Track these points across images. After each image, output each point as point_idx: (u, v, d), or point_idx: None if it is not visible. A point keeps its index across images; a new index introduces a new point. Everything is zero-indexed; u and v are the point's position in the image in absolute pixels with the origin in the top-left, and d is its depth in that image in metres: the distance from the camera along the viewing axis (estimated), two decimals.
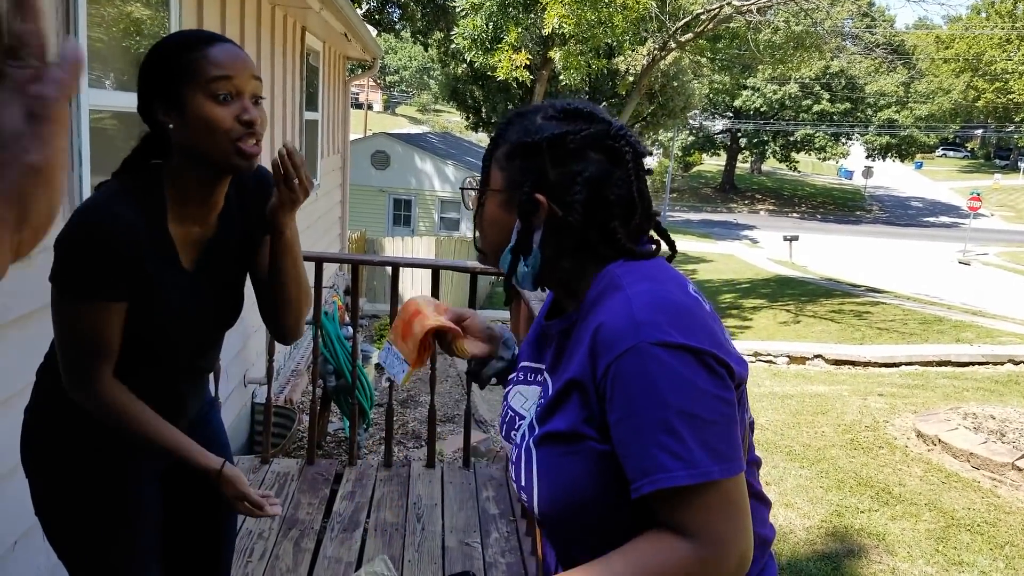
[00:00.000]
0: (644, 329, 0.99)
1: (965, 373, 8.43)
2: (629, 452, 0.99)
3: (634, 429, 0.98)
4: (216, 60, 1.42)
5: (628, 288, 1.06)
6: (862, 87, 43.51)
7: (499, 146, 1.16)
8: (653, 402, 0.97)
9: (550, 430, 1.08)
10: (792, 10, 18.40)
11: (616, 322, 1.01)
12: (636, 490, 0.98)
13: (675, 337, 0.98)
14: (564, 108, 1.14)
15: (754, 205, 44.59)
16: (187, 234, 1.53)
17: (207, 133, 1.41)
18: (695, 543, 0.96)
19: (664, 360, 0.97)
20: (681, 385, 0.97)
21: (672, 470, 0.95)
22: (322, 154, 8.44)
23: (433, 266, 3.77)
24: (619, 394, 0.99)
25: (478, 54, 14.45)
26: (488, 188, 1.17)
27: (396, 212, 23.95)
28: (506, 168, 1.14)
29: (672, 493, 0.96)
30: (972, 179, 53.60)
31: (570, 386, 1.07)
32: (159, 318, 1.51)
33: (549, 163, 1.10)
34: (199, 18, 4.01)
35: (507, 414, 1.25)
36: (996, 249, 29.38)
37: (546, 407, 1.11)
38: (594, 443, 1.04)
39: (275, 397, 4.74)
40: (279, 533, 3.12)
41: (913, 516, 4.47)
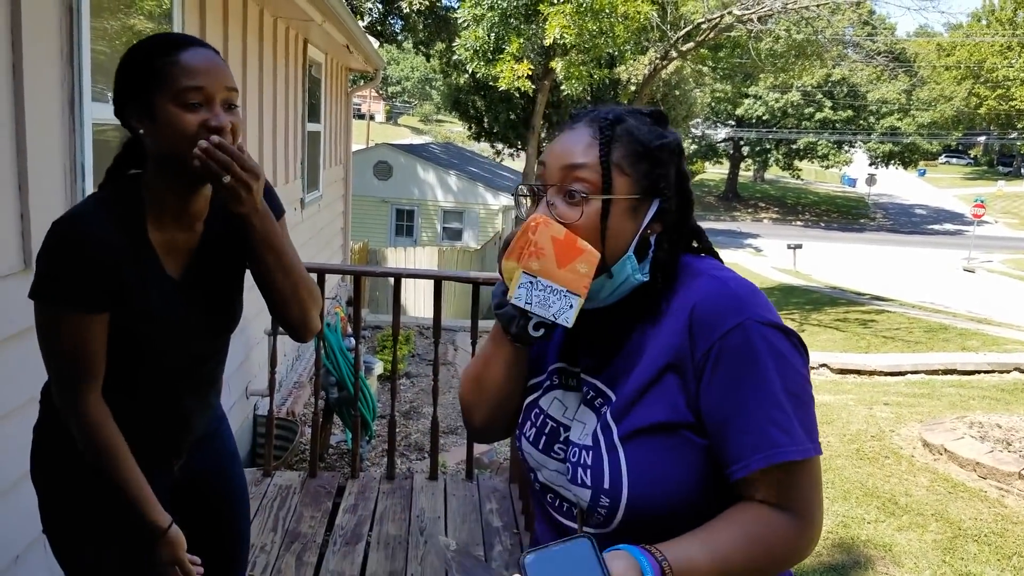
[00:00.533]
0: (748, 308, 1.03)
1: (971, 381, 8.39)
2: (735, 429, 1.00)
3: (742, 405, 1.00)
4: (188, 68, 1.38)
5: (712, 273, 1.09)
6: (864, 95, 43.57)
7: (613, 151, 1.08)
8: (762, 379, 1.00)
9: (643, 423, 1.05)
10: (793, 19, 18.44)
11: (718, 301, 1.04)
12: (744, 467, 0.99)
13: (775, 318, 1.04)
14: (653, 112, 1.16)
15: (757, 213, 44.58)
16: (170, 241, 1.50)
17: (174, 140, 1.38)
18: (793, 516, 1.00)
19: (769, 339, 1.02)
20: (784, 364, 1.01)
21: (783, 445, 0.98)
22: (324, 165, 8.45)
23: (436, 277, 3.76)
24: (725, 370, 1.01)
25: (480, 65, 14.50)
26: (620, 196, 1.08)
27: (398, 222, 23.98)
28: (632, 173, 1.09)
29: (779, 468, 0.99)
30: (975, 186, 53.56)
31: (662, 372, 1.05)
32: (145, 326, 1.48)
33: (673, 167, 1.12)
34: (201, 30, 4.02)
35: (544, 424, 1.19)
36: (1001, 256, 29.32)
37: (629, 401, 1.07)
38: (690, 433, 1.04)
39: (277, 409, 4.73)
40: (281, 547, 3.10)
41: (920, 527, 4.43)
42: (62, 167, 2.53)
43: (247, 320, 5.03)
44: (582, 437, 1.11)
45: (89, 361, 1.45)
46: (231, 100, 1.43)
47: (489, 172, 27.71)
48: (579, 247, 1.04)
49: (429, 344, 9.43)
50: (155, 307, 1.49)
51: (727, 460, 1.01)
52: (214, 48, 1.46)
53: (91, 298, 1.41)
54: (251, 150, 5.08)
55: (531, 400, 1.22)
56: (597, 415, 1.11)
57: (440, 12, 17.18)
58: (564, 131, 1.14)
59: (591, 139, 1.09)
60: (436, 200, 23.87)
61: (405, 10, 15.53)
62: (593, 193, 1.07)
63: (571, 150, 1.09)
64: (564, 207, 1.07)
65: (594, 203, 1.06)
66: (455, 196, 23.76)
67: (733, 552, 0.96)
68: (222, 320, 1.65)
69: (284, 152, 6.20)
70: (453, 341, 9.63)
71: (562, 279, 1.04)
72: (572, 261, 1.03)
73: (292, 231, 6.58)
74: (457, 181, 23.75)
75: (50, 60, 2.45)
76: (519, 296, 1.05)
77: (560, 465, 1.15)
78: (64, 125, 2.54)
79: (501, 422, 1.25)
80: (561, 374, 1.21)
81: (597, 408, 1.12)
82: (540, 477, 1.19)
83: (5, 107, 2.20)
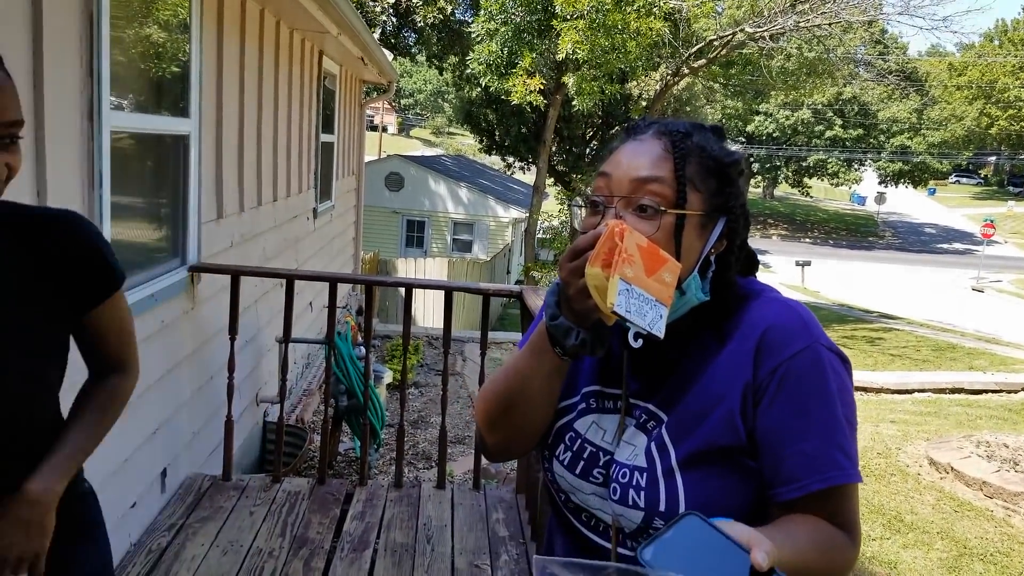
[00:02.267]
0: (815, 331, 1.04)
1: (978, 401, 8.37)
2: (793, 450, 1.01)
3: (805, 427, 1.01)
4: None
5: (771, 295, 1.11)
6: (875, 113, 43.59)
7: (687, 165, 1.05)
8: (828, 402, 1.01)
9: (702, 447, 1.04)
10: (805, 37, 18.48)
11: (786, 324, 1.05)
12: (803, 487, 0.99)
13: (833, 344, 1.05)
14: (716, 127, 1.15)
15: (766, 230, 44.54)
16: None
17: None
18: (847, 535, 1.02)
19: (833, 363, 1.04)
20: (844, 389, 1.04)
21: (845, 468, 1.00)
22: (337, 176, 8.51)
23: (446, 287, 3.80)
24: (790, 391, 1.02)
25: (493, 78, 14.58)
26: (694, 212, 1.05)
27: (409, 233, 24.06)
28: (704, 190, 1.06)
29: (837, 490, 1.00)
30: (985, 206, 53.38)
31: (725, 394, 1.04)
32: None
33: (740, 184, 1.11)
34: (219, 41, 4.08)
35: (582, 449, 1.14)
36: (1010, 276, 29.20)
37: (688, 423, 1.05)
38: (743, 458, 1.04)
39: (287, 416, 4.77)
40: (289, 552, 3.13)
41: (925, 545, 4.43)
42: (80, 175, 2.58)
43: (257, 327, 5.09)
44: (632, 458, 1.08)
45: None
46: (11, 135, 1.18)
47: (500, 185, 27.80)
48: (663, 256, 1.00)
49: (437, 354, 9.46)
50: None
51: (781, 479, 1.01)
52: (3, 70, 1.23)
53: None
54: (266, 160, 5.15)
55: (564, 423, 1.17)
56: (649, 436, 1.09)
57: (454, 26, 17.30)
58: (628, 142, 1.09)
59: (663, 152, 1.05)
60: (447, 212, 23.96)
61: (419, 23, 15.64)
62: (667, 207, 1.03)
63: (642, 163, 1.05)
64: (635, 220, 1.02)
65: (668, 218, 1.02)
66: (465, 208, 23.85)
67: (807, 552, 0.96)
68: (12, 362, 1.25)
69: (298, 162, 6.26)
70: (462, 352, 9.66)
71: (651, 288, 0.98)
72: (658, 270, 0.99)
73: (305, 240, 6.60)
74: (468, 193, 23.84)
75: (70, 69, 2.50)
76: (620, 304, 0.96)
77: (598, 489, 1.12)
78: (83, 133, 2.59)
79: (524, 442, 1.20)
80: (598, 396, 1.17)
81: (649, 430, 1.09)
82: (574, 499, 1.16)
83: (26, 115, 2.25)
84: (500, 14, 13.93)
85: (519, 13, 13.85)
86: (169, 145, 3.62)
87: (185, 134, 3.74)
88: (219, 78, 4.14)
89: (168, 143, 3.60)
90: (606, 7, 12.44)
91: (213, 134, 4.10)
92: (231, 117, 4.38)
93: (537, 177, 19.01)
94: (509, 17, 13.88)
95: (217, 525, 3.27)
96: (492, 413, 1.18)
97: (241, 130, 4.57)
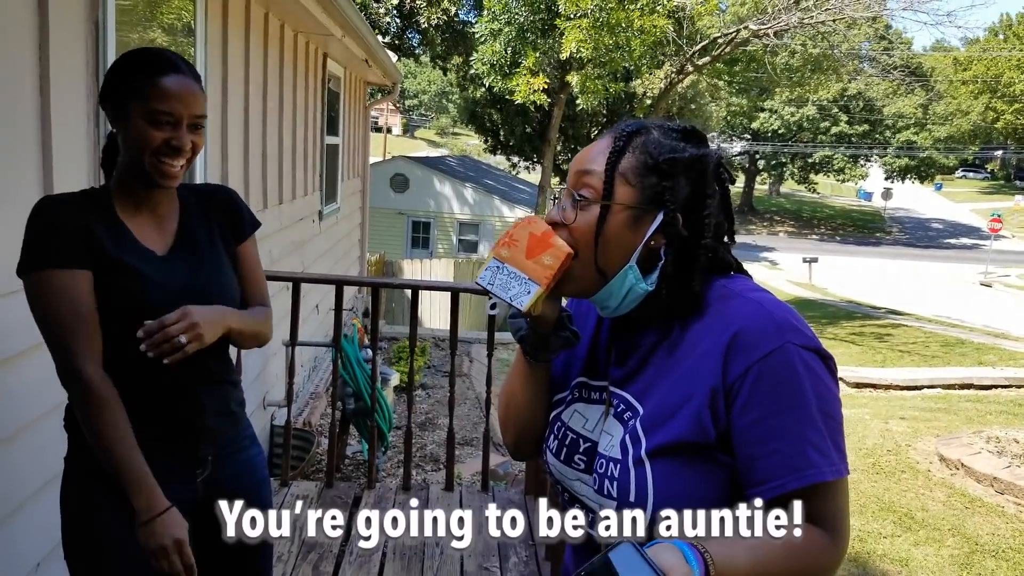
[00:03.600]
0: (787, 331, 1.05)
1: (988, 396, 8.33)
2: (768, 450, 1.02)
3: (780, 426, 1.02)
4: (164, 93, 1.53)
5: (747, 295, 1.11)
6: (880, 109, 43.45)
7: (621, 160, 1.11)
8: (801, 401, 1.02)
9: (670, 440, 1.07)
10: (809, 33, 18.45)
11: (757, 325, 1.05)
12: (779, 487, 1.01)
13: (813, 341, 1.06)
14: (683, 128, 1.17)
15: (773, 227, 44.45)
16: (139, 223, 1.63)
17: (138, 148, 1.55)
18: (827, 532, 1.02)
19: (808, 362, 1.03)
20: (820, 386, 1.04)
21: (819, 466, 1.01)
22: (342, 178, 8.52)
23: (453, 289, 3.79)
24: (762, 393, 1.02)
25: (496, 78, 14.59)
26: (619, 203, 1.10)
27: (415, 234, 24.08)
28: (637, 184, 1.10)
29: (814, 488, 1.01)
30: (992, 200, 53.19)
31: (694, 391, 1.07)
32: (132, 283, 1.56)
33: (686, 183, 1.11)
34: (224, 44, 4.08)
35: (565, 436, 1.21)
36: (1018, 270, 29.09)
37: (658, 416, 1.09)
38: (716, 453, 1.06)
39: (294, 419, 4.77)
40: (298, 556, 3.13)
41: (936, 542, 4.41)
42: (87, 178, 2.58)
43: None
44: (609, 448, 1.13)
45: (81, 324, 1.51)
46: (198, 123, 1.59)
47: (505, 185, 27.80)
48: (550, 243, 1.10)
49: (444, 356, 9.46)
50: (138, 267, 1.58)
51: (758, 479, 1.02)
52: (196, 73, 1.61)
53: (68, 254, 1.51)
54: (271, 163, 5.15)
55: (555, 414, 1.25)
56: (624, 427, 1.12)
57: (457, 26, 17.31)
58: (593, 140, 1.18)
59: (607, 148, 1.12)
60: (452, 212, 23.97)
61: (423, 24, 15.66)
62: (595, 198, 1.10)
63: (588, 157, 1.14)
64: (569, 209, 1.12)
65: (593, 208, 1.10)
66: (471, 208, 23.86)
67: (772, 560, 0.98)
68: (215, 287, 1.69)
69: (304, 165, 6.26)
70: (468, 353, 9.66)
71: (526, 267, 1.10)
72: (540, 254, 1.10)
73: (311, 242, 6.60)
74: (473, 194, 23.85)
75: (76, 73, 2.51)
76: (483, 277, 1.12)
77: (582, 475, 1.17)
78: (89, 137, 2.59)
79: (531, 439, 1.29)
80: (582, 387, 1.23)
81: (625, 421, 1.13)
82: (565, 486, 1.22)
83: (32, 119, 2.25)
84: (504, 14, 13.94)
85: (522, 13, 13.86)
86: None
87: None
88: (224, 82, 4.14)
89: None
90: (610, 5, 12.42)
91: (218, 137, 4.11)
92: (236, 120, 4.39)
93: (542, 176, 19.02)
94: (513, 17, 13.88)
95: None
96: (501, 414, 1.32)
97: (246, 133, 4.57)
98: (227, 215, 1.79)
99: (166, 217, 1.69)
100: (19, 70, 2.21)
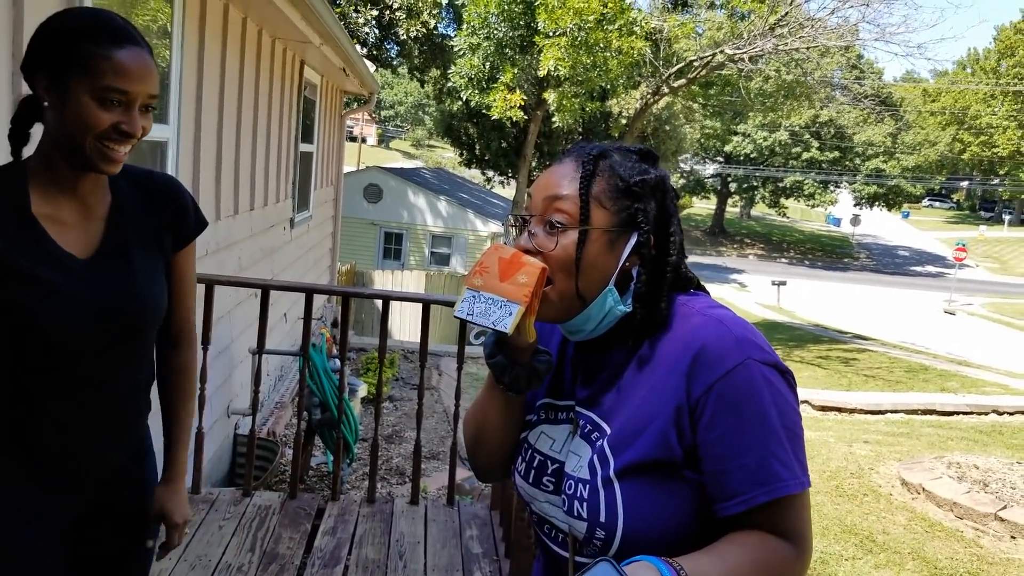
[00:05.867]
0: (747, 348, 1.05)
1: (950, 422, 8.45)
2: (734, 465, 1.02)
3: (745, 442, 1.02)
4: (118, 68, 1.30)
5: (708, 313, 1.11)
6: (850, 136, 44.20)
7: (593, 184, 1.12)
8: (763, 416, 1.03)
9: (638, 459, 1.07)
10: (783, 60, 18.73)
11: (718, 343, 1.06)
12: (746, 501, 1.01)
13: (772, 356, 1.07)
14: (639, 149, 1.19)
15: (743, 249, 44.91)
16: (57, 215, 1.38)
17: (80, 129, 1.31)
18: (793, 545, 1.03)
19: (768, 377, 1.05)
20: (781, 400, 1.05)
21: (785, 479, 1.02)
22: (315, 186, 8.48)
23: (424, 300, 3.77)
24: (725, 410, 1.03)
25: (474, 93, 14.63)
26: (596, 228, 1.11)
27: (387, 245, 23.98)
28: (611, 207, 1.12)
29: (780, 501, 1.02)
30: (958, 230, 54.23)
31: (659, 410, 1.07)
32: (37, 301, 1.33)
33: (655, 204, 1.14)
34: (200, 47, 4.05)
35: (532, 458, 1.21)
36: (981, 299, 29.63)
37: (625, 436, 1.09)
38: (684, 470, 1.06)
39: (258, 429, 4.71)
40: (259, 568, 3.08)
41: (897, 565, 4.45)
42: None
43: (231, 338, 5.03)
44: (577, 469, 1.13)
45: None
46: (151, 105, 1.38)
47: (479, 199, 27.82)
48: (522, 262, 1.08)
49: (413, 368, 9.41)
50: (50, 278, 1.34)
51: (726, 494, 1.03)
52: (148, 46, 1.37)
53: None
54: (244, 168, 5.10)
55: (523, 436, 1.25)
56: (592, 447, 1.13)
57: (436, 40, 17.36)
58: (553, 165, 1.17)
59: (574, 173, 1.12)
60: (425, 224, 23.92)
61: (402, 36, 15.67)
62: (571, 224, 1.10)
63: (555, 183, 1.13)
64: (543, 237, 1.12)
65: (571, 234, 1.10)
66: (444, 221, 23.83)
67: (742, 572, 0.99)
68: (142, 305, 1.47)
69: (276, 171, 6.22)
70: (438, 366, 9.62)
71: (503, 291, 1.07)
72: (514, 275, 1.08)
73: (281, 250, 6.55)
74: (447, 207, 23.83)
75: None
76: (461, 309, 1.09)
77: (551, 497, 1.17)
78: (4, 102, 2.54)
79: (502, 464, 1.29)
80: (548, 408, 1.23)
81: (593, 441, 1.13)
82: (534, 508, 1.21)
83: (3, 120, 2.22)
84: (483, 29, 14.00)
85: (502, 28, 13.93)
86: (146, 151, 3.58)
87: (163, 140, 3.70)
88: (199, 84, 4.11)
89: (145, 149, 3.56)
90: (588, 25, 12.54)
91: (191, 141, 4.07)
92: (210, 124, 4.35)
93: (517, 192, 19.06)
94: (492, 32, 13.95)
95: (185, 539, 3.21)
96: (468, 440, 1.30)
97: (219, 138, 4.53)
98: (170, 212, 1.54)
99: (93, 209, 1.43)
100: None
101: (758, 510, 1.02)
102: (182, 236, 1.57)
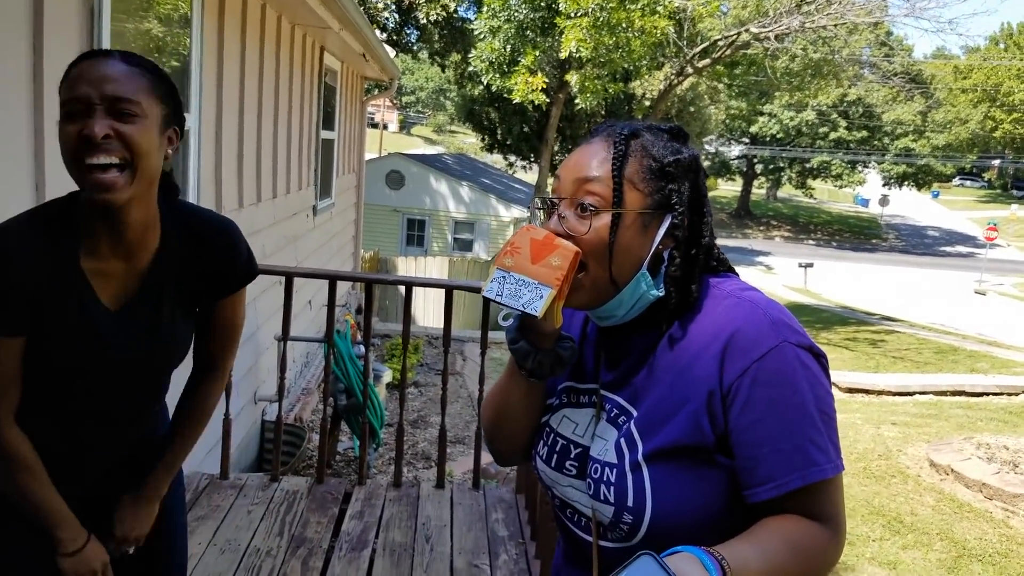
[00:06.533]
0: (782, 330, 1.04)
1: (979, 403, 8.35)
2: (770, 450, 1.01)
3: (780, 426, 1.01)
4: (72, 80, 1.27)
5: (740, 295, 1.10)
6: (879, 115, 43.50)
7: (625, 166, 1.08)
8: (799, 400, 1.01)
9: (667, 444, 1.05)
10: (810, 38, 18.47)
11: (753, 326, 1.04)
12: (782, 485, 1.00)
13: (806, 339, 1.05)
14: (671, 128, 1.16)
15: (769, 231, 44.49)
16: (103, 269, 1.38)
17: (65, 161, 1.27)
18: (829, 528, 1.02)
19: (804, 360, 1.03)
20: (816, 384, 1.03)
21: (821, 464, 1.01)
22: (337, 173, 8.50)
23: (447, 286, 3.77)
24: (761, 393, 1.02)
25: (495, 76, 14.57)
26: (631, 211, 1.07)
27: (409, 232, 24.04)
28: (645, 189, 1.08)
29: (816, 486, 1.01)
30: (989, 209, 53.31)
31: (690, 394, 1.05)
32: (67, 359, 1.38)
33: (688, 184, 1.11)
34: (219, 36, 4.06)
35: (555, 443, 1.19)
36: (1013, 280, 29.16)
37: (653, 419, 1.07)
38: (715, 454, 1.05)
39: (285, 415, 4.75)
40: (287, 551, 3.11)
41: (925, 546, 4.42)
42: None
43: (257, 325, 5.07)
44: (603, 453, 1.11)
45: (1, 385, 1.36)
46: (123, 109, 1.26)
47: (501, 184, 27.78)
48: (555, 244, 1.05)
49: (437, 353, 9.45)
50: (85, 330, 1.38)
51: (759, 479, 1.02)
52: (139, 62, 1.32)
53: (5, 321, 1.32)
54: (265, 156, 5.13)
55: (544, 420, 1.23)
56: (619, 431, 1.11)
57: (456, 23, 17.29)
58: (581, 145, 1.14)
59: (605, 153, 1.09)
60: (448, 210, 23.94)
61: (422, 20, 15.63)
62: (603, 207, 1.07)
63: (585, 164, 1.10)
64: (575, 220, 1.08)
65: (603, 217, 1.07)
66: (467, 207, 23.84)
67: (781, 559, 0.97)
68: (163, 355, 1.51)
69: (298, 158, 6.25)
70: (462, 351, 9.66)
71: (534, 273, 1.04)
72: (546, 257, 1.04)
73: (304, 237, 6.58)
74: (469, 192, 23.82)
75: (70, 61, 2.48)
76: (491, 289, 1.06)
77: (574, 481, 1.16)
78: None
79: (522, 448, 1.27)
80: (570, 392, 1.22)
81: (620, 425, 1.12)
82: (556, 492, 1.20)
83: (25, 110, 2.24)
84: (503, 11, 13.91)
85: (522, 10, 13.84)
86: None
87: (184, 130, 3.72)
88: (219, 73, 4.12)
89: None
90: (610, 5, 12.40)
91: (213, 129, 4.09)
92: (231, 112, 4.37)
93: (539, 176, 19.01)
94: (512, 14, 13.86)
95: (214, 524, 3.25)
96: (487, 425, 1.29)
97: (241, 126, 4.55)
98: (218, 261, 1.52)
99: (137, 257, 1.41)
100: (12, 59, 2.19)
101: (792, 495, 1.00)
102: (228, 285, 1.57)
